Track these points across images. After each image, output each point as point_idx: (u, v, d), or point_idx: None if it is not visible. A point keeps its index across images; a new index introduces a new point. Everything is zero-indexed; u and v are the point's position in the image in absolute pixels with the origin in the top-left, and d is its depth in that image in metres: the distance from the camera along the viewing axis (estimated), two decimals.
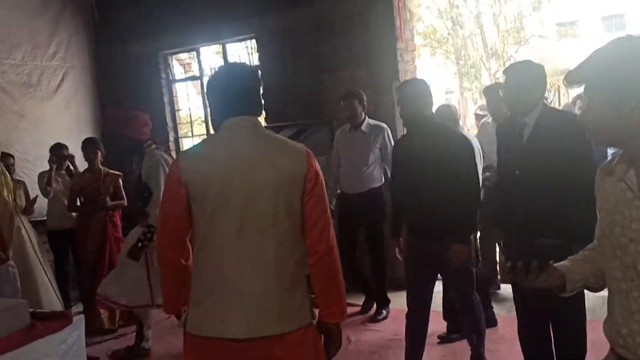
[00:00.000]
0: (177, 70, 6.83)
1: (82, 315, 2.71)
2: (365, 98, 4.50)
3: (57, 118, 5.52)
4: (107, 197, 5.01)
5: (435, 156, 3.02)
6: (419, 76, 5.50)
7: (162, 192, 3.63)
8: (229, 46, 6.21)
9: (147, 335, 4.27)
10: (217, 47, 6.47)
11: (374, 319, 4.54)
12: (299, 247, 1.89)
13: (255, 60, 5.90)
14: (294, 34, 5.50)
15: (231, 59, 6.17)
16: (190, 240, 1.97)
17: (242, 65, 2.17)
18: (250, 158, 1.84)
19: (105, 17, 6.48)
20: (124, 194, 5.21)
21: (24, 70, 5.46)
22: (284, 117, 5.51)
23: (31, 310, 2.56)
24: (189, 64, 6.75)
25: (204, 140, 2.11)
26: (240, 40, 6.05)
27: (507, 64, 20.32)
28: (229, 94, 1.91)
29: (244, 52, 6.16)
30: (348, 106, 4.46)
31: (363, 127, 4.48)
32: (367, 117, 4.52)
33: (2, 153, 4.81)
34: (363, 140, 4.47)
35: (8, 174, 3.84)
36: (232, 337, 1.81)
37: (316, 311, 1.98)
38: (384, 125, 4.54)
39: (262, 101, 2.00)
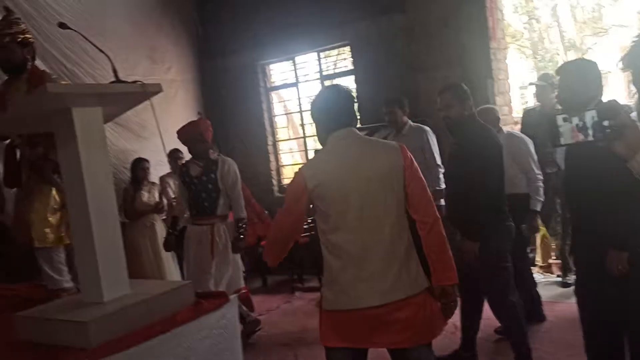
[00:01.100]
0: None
1: (236, 295, 3.09)
2: (407, 103, 4.74)
3: (173, 127, 6.02)
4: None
5: (467, 155, 3.20)
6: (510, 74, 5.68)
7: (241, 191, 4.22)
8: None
9: (244, 310, 4.50)
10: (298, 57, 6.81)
11: None
12: (407, 227, 2.26)
13: (349, 65, 6.23)
14: (387, 38, 5.80)
15: (327, 66, 6.52)
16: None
17: (338, 87, 2.52)
18: (357, 160, 2.24)
19: (208, 33, 7.03)
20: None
21: None
22: (379, 118, 5.79)
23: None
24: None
25: (319, 152, 2.50)
26: (335, 47, 6.40)
27: (585, 56, 19.76)
28: (332, 113, 2.33)
29: (337, 58, 6.49)
30: (389, 112, 4.74)
31: (404, 131, 4.70)
32: (409, 120, 4.74)
33: (138, 158, 5.39)
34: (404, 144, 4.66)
35: None
36: (365, 306, 2.17)
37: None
38: (426, 127, 4.71)
39: (357, 113, 2.41)
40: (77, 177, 2.63)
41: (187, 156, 5.81)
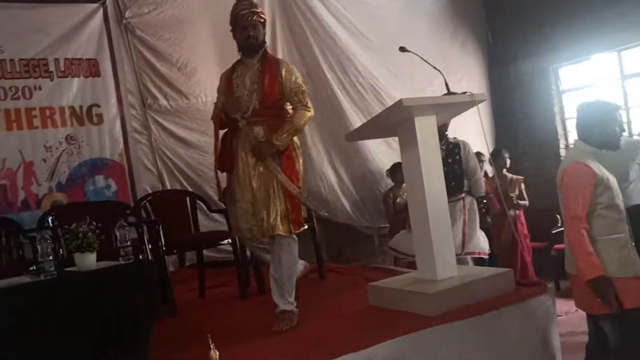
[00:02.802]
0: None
1: (553, 284, 3.31)
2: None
3: (466, 131, 6.37)
4: (515, 198, 5.78)
5: None
6: None
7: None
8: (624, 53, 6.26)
9: None
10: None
11: None
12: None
13: None
14: None
15: (627, 66, 6.21)
16: None
17: (589, 104, 3.04)
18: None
19: (498, 41, 7.28)
20: (526, 196, 5.90)
21: (434, 94, 6.53)
22: None
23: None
24: None
25: None
26: (638, 46, 6.05)
27: None
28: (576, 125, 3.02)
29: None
30: None
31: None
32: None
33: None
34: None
35: None
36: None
37: None
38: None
39: (594, 130, 2.88)
40: (417, 175, 3.18)
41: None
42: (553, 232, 6.34)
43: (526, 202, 5.93)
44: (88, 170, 4.77)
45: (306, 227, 3.33)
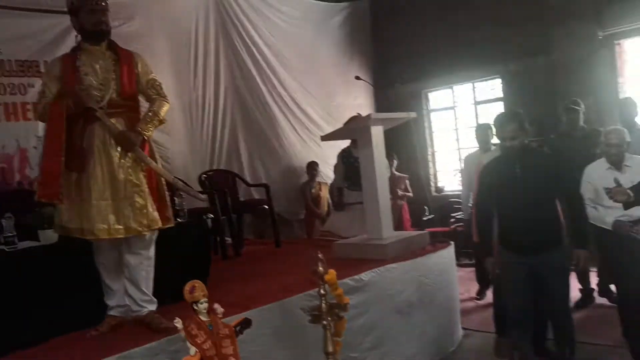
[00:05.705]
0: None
1: (453, 243, 4.93)
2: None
3: None
4: (399, 192, 7.54)
5: (545, 174, 3.45)
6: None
7: None
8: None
9: None
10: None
11: None
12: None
13: (499, 94, 7.99)
14: (533, 75, 7.48)
15: (479, 94, 8.33)
16: None
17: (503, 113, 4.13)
18: None
19: (382, 68, 9.06)
20: (410, 190, 7.69)
21: (336, 108, 8.13)
22: None
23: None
24: None
25: None
26: (487, 80, 8.17)
27: None
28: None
29: (489, 88, 8.27)
30: None
31: None
32: None
33: None
34: None
35: None
36: None
37: None
38: None
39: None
40: (371, 167, 4.63)
41: None
42: (424, 219, 8.24)
43: (411, 194, 7.73)
44: None
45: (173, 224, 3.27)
